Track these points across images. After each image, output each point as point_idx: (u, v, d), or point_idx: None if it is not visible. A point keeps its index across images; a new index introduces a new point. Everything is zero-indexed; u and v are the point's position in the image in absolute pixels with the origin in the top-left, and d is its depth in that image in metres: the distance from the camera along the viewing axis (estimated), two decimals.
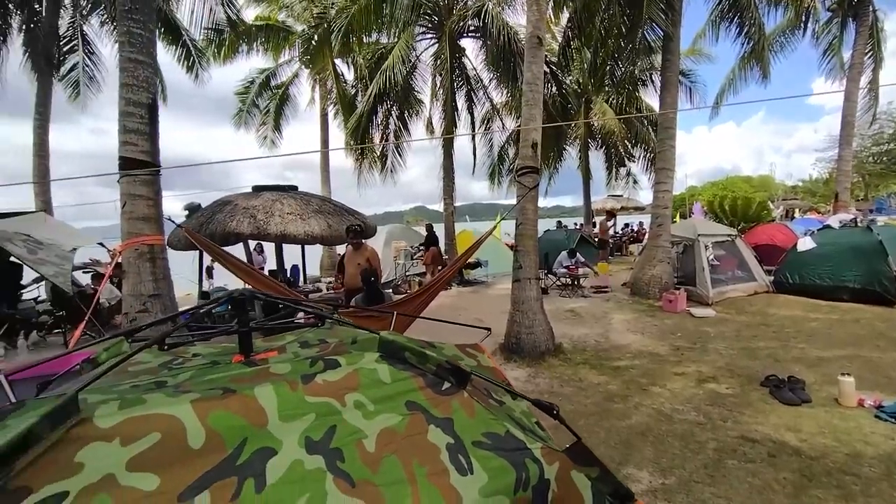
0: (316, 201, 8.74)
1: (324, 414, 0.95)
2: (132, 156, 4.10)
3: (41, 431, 0.78)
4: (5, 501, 0.71)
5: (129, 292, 4.22)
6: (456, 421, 1.03)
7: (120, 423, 0.84)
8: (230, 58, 14.29)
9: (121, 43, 4.13)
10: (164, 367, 1.29)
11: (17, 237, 7.36)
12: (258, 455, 0.85)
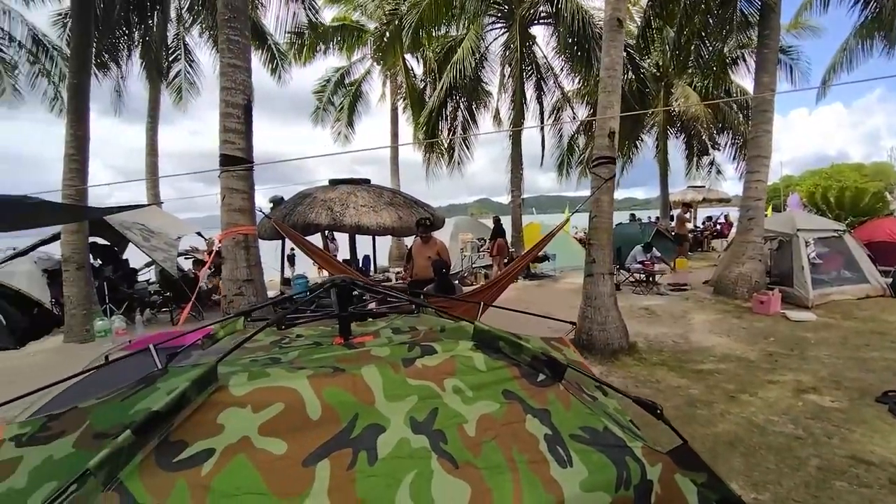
0: (388, 194, 9.03)
1: (425, 396, 1.00)
2: (230, 153, 4.52)
3: (191, 395, 0.89)
4: (168, 450, 0.82)
5: (226, 277, 4.68)
6: (553, 413, 1.02)
7: (250, 392, 0.94)
8: (310, 59, 15.10)
9: (221, 50, 4.57)
10: (275, 345, 1.41)
11: (134, 226, 8.42)
12: (369, 430, 0.91)
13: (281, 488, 0.80)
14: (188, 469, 0.79)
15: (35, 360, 6.32)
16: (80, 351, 6.66)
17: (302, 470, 0.83)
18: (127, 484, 0.76)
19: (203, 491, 0.77)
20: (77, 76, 7.11)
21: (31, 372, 5.81)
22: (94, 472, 0.72)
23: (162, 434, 0.83)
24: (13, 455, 0.97)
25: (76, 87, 7.11)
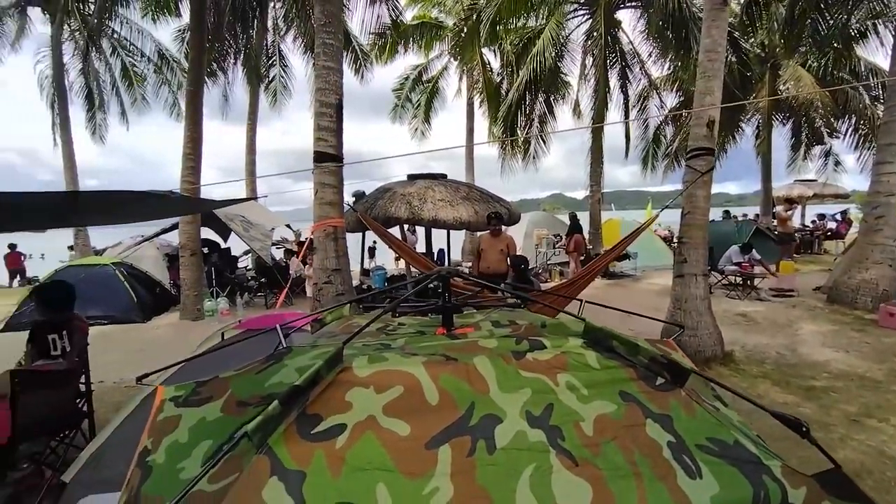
0: (464, 189, 9.10)
1: (539, 390, 0.99)
2: (323, 150, 4.85)
3: (323, 373, 0.96)
4: (306, 422, 0.90)
5: (317, 266, 5.03)
6: (675, 419, 0.97)
7: (372, 374, 1.00)
8: (391, 58, 15.60)
9: (316, 54, 4.90)
10: (382, 332, 1.48)
11: (236, 218, 9.33)
12: (486, 420, 0.92)
13: (407, 467, 0.84)
14: (325, 441, 0.86)
15: (158, 333, 7.26)
16: (193, 327, 7.54)
17: (425, 452, 0.87)
18: (275, 449, 0.84)
19: (339, 462, 0.83)
20: (193, 84, 8.00)
21: (157, 342, 6.68)
22: (251, 436, 0.81)
23: (300, 406, 0.91)
24: (174, 413, 1.12)
25: (192, 94, 8.01)
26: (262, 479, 0.80)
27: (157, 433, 1.08)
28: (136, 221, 5.29)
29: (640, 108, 14.62)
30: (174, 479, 0.94)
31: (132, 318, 7.75)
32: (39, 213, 2.93)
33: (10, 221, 3.20)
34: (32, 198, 2.38)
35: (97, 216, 3.47)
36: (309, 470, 0.82)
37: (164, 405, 1.15)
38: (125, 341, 6.73)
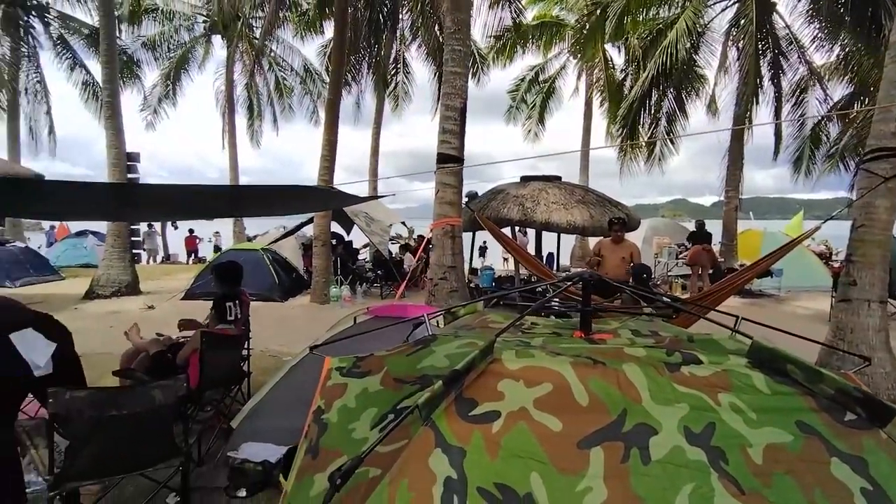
0: (579, 191, 8.78)
1: (698, 407, 0.94)
2: (446, 152, 5.10)
3: (477, 361, 1.04)
4: (464, 404, 0.98)
5: (434, 262, 5.31)
6: (872, 464, 0.84)
7: (522, 369, 1.04)
8: (510, 59, 15.66)
9: (445, 60, 5.17)
10: (517, 330, 1.53)
11: (360, 214, 10.23)
12: (640, 429, 0.91)
13: (559, 462, 0.87)
14: (482, 424, 0.93)
15: (294, 312, 8.28)
16: (321, 309, 8.47)
17: (577, 451, 0.89)
18: (438, 424, 0.93)
19: (495, 446, 0.89)
20: (333, 94, 8.96)
21: (292, 319, 7.62)
22: (420, 410, 0.91)
23: (458, 389, 0.99)
24: (340, 381, 1.29)
25: (331, 102, 8.97)
26: (427, 448, 0.89)
27: (328, 396, 1.26)
28: (290, 213, 6.11)
29: (797, 101, 12.55)
30: (347, 436, 1.09)
31: (273, 297, 8.95)
32: (211, 203, 3.56)
33: (188, 211, 3.98)
34: (203, 191, 2.90)
35: (257, 208, 4.09)
36: (469, 448, 0.89)
37: (332, 374, 1.34)
38: (268, 316, 7.81)
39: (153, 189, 3.36)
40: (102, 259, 9.34)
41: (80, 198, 3.07)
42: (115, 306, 8.14)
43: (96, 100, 15.62)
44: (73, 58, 15.27)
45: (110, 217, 6.95)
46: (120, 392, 2.18)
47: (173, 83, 15.96)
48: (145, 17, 14.57)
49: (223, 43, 16.12)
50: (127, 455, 2.19)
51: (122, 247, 9.14)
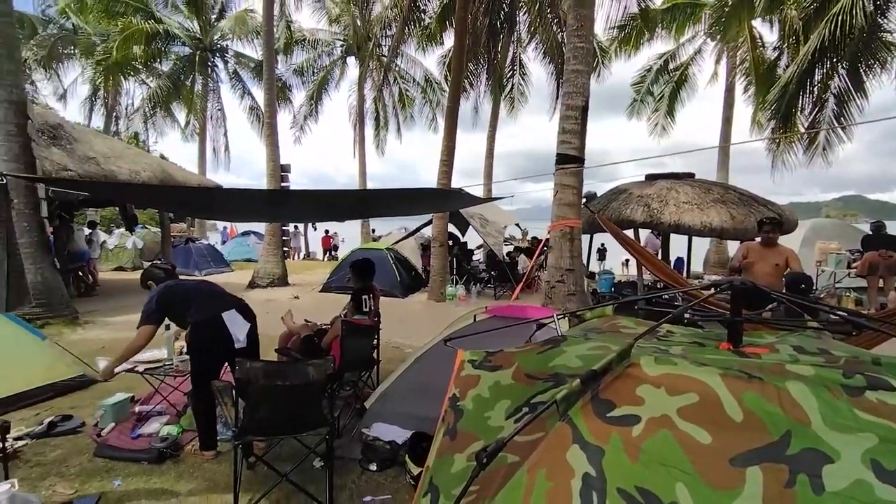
0: (717, 189, 7.82)
1: (891, 440, 0.81)
2: (566, 152, 4.98)
3: (614, 364, 1.03)
4: (600, 405, 0.98)
5: (551, 265, 5.23)
6: None
7: (663, 375, 1.01)
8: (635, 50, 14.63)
9: (567, 59, 5.06)
10: (653, 337, 1.47)
11: (476, 215, 10.49)
12: (809, 455, 0.82)
13: (710, 477, 0.83)
14: (620, 426, 0.93)
15: (413, 308, 8.84)
16: (438, 307, 8.89)
17: (730, 467, 0.84)
18: (575, 420, 0.95)
19: (635, 449, 0.88)
20: (452, 101, 9.36)
21: (412, 315, 8.14)
22: (559, 405, 0.95)
23: (594, 389, 1.00)
24: (473, 373, 1.38)
25: (451, 109, 9.37)
26: (565, 443, 0.93)
27: (462, 386, 1.36)
28: (420, 213, 6.55)
29: None
30: (483, 423, 1.17)
31: (395, 294, 9.66)
32: (346, 205, 4.00)
33: (325, 215, 4.54)
34: (342, 194, 3.29)
35: (389, 209, 4.46)
36: (607, 448, 0.90)
37: (464, 365, 1.44)
38: (391, 311, 8.43)
39: (300, 193, 3.91)
40: (261, 255, 11.08)
41: (244, 202, 3.73)
42: (270, 295, 9.59)
43: (259, 121, 18.61)
44: (242, 88, 18.44)
45: (266, 218, 8.21)
46: (284, 366, 2.59)
47: (315, 102, 18.22)
48: (296, 47, 16.91)
49: (356, 63, 17.90)
50: (286, 419, 2.60)
51: (275, 245, 10.74)
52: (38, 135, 6.62)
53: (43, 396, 3.85)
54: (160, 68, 17.69)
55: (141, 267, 13.33)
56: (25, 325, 4.05)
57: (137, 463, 2.97)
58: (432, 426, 3.07)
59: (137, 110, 17.56)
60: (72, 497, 2.60)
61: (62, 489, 2.68)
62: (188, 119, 18.54)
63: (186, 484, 2.80)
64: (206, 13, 17.20)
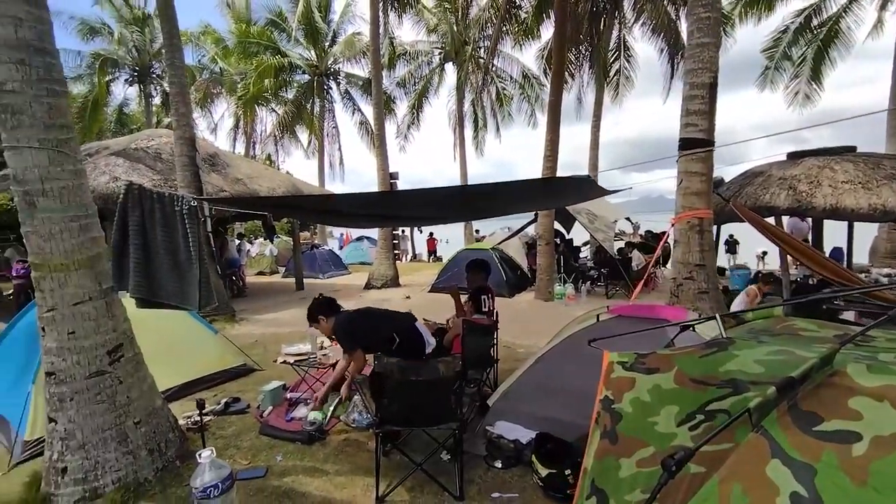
0: (890, 164, 6.44)
1: None
2: (692, 135, 4.51)
3: (814, 371, 0.91)
4: (802, 417, 0.87)
5: (678, 260, 4.78)
6: None
7: (885, 387, 0.86)
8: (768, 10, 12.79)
9: (689, 32, 4.57)
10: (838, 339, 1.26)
11: (583, 211, 10.03)
12: None
13: None
14: (836, 443, 0.81)
15: (521, 307, 8.76)
16: (546, 306, 8.70)
17: None
18: (771, 432, 0.86)
19: (861, 472, 0.77)
20: (554, 94, 9.09)
21: (520, 314, 8.07)
22: (752, 414, 0.86)
23: (791, 399, 0.89)
24: (625, 375, 1.32)
25: (553, 103, 9.10)
26: (762, 456, 0.84)
27: (615, 388, 1.31)
28: (523, 212, 6.48)
29: None
30: (649, 428, 1.12)
31: (502, 293, 9.65)
32: (452, 206, 4.05)
33: (434, 217, 4.62)
34: (436, 194, 3.30)
35: (509, 205, 4.38)
36: (818, 466, 0.80)
37: (613, 367, 1.39)
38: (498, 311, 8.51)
39: (412, 194, 4.07)
40: (374, 258, 11.92)
41: (361, 206, 3.98)
42: (385, 295, 10.26)
43: (367, 134, 20.05)
44: (353, 105, 20.08)
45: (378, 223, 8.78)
46: (417, 362, 2.76)
47: (417, 111, 19.08)
48: (398, 61, 17.91)
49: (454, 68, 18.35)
50: (419, 413, 2.76)
51: (387, 248, 11.47)
52: (202, 163, 7.97)
53: (217, 381, 4.60)
54: (286, 96, 20.05)
55: (276, 272, 15.25)
56: (202, 321, 4.88)
57: (293, 443, 3.40)
58: (557, 427, 3.03)
59: (270, 135, 20.15)
60: (247, 467, 3.07)
61: (239, 459, 3.18)
62: (309, 138, 20.75)
63: (333, 465, 3.13)
64: (321, 42, 19.06)
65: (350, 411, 3.71)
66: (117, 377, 2.77)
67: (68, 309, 2.59)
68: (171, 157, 8.72)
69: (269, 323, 7.72)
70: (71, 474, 2.64)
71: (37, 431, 3.27)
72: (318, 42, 18.95)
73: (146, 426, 2.89)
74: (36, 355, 3.65)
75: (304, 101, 19.70)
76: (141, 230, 2.74)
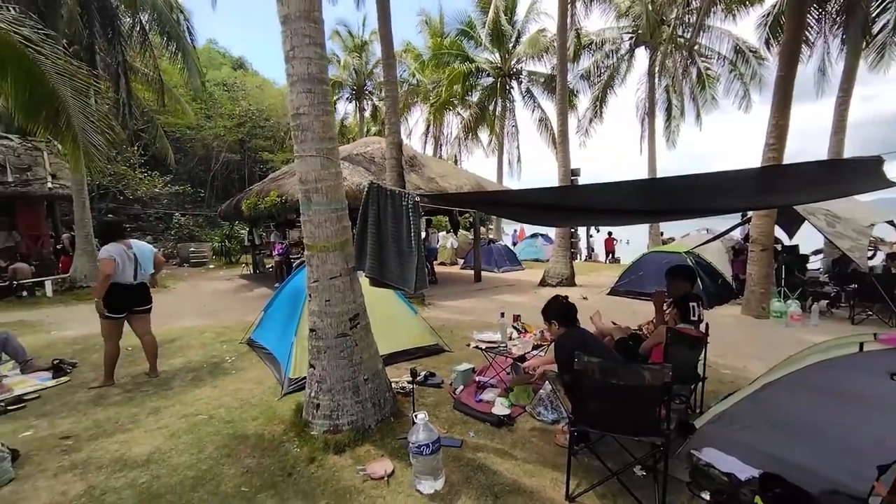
0: None
1: None
2: None
3: None
4: None
5: None
6: None
7: None
8: None
9: None
10: None
11: (818, 211, 7.99)
12: None
13: None
14: None
15: (724, 322, 7.49)
16: (758, 325, 7.27)
17: None
18: None
19: None
20: (786, 67, 7.45)
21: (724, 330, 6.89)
22: None
23: None
24: None
25: (783, 79, 7.48)
26: None
27: None
28: (732, 211, 5.54)
29: None
30: None
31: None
32: (631, 205, 3.62)
33: (616, 217, 4.21)
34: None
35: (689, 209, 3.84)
36: None
37: None
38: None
39: (594, 189, 3.83)
40: (551, 256, 11.80)
41: (534, 204, 3.92)
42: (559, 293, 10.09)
43: (547, 131, 19.92)
44: (533, 102, 20.22)
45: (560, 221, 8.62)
46: (620, 365, 2.63)
47: (600, 104, 18.04)
48: (583, 52, 17.23)
49: (646, 53, 16.71)
50: (617, 418, 2.63)
51: (564, 247, 11.24)
52: (406, 164, 9.14)
53: (415, 356, 5.25)
54: (470, 100, 21.40)
55: (455, 263, 16.49)
56: (407, 302, 5.63)
57: (483, 423, 3.65)
58: (788, 470, 2.54)
59: (456, 137, 21.86)
60: (445, 435, 3.43)
61: (438, 427, 3.57)
62: (490, 138, 21.73)
63: (521, 451, 3.24)
64: (505, 44, 19.69)
65: (536, 404, 3.79)
66: (354, 340, 3.41)
67: (327, 281, 3.31)
68: (381, 160, 10.24)
69: (453, 310, 8.41)
70: (322, 410, 3.37)
71: (297, 372, 4.28)
72: (503, 44, 19.61)
73: (372, 383, 3.49)
74: (296, 315, 4.79)
75: (487, 103, 20.68)
76: (376, 221, 3.32)
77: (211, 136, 21.37)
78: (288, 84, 3.17)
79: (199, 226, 19.68)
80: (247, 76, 27.63)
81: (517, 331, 4.51)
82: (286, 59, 3.11)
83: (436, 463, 2.80)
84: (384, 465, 2.99)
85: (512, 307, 7.47)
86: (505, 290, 10.74)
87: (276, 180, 11.03)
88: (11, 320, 7.67)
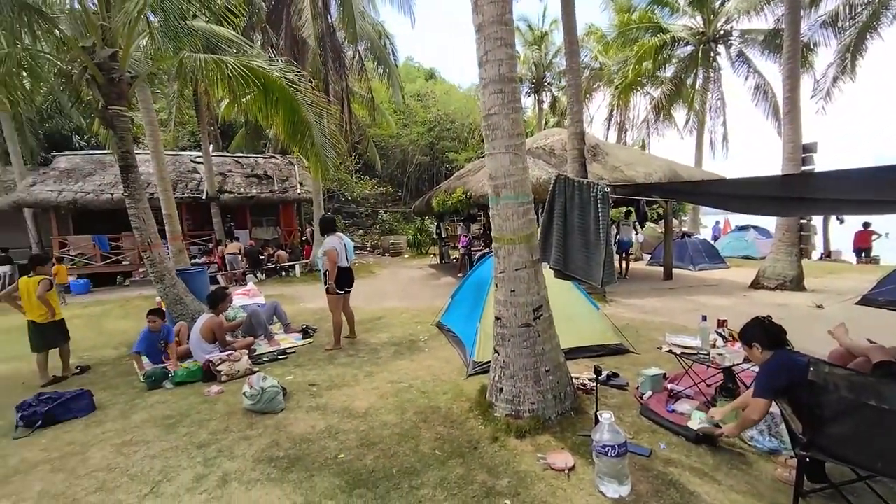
0: None
1: None
2: None
3: None
4: None
5: None
6: None
7: None
8: None
9: None
10: None
11: None
12: None
13: None
14: None
15: None
16: None
17: None
18: None
19: None
20: None
21: None
22: None
23: None
24: None
25: None
26: None
27: None
28: None
29: None
30: None
31: None
32: None
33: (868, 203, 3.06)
34: None
35: None
36: None
37: None
38: None
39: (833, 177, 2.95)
40: (770, 252, 9.70)
41: (751, 193, 3.20)
42: (781, 299, 8.22)
43: (766, 99, 16.36)
44: (747, 67, 16.79)
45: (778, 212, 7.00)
46: (881, 383, 2.03)
47: (853, 54, 13.78)
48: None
49: None
50: (878, 452, 2.04)
51: (790, 241, 9.09)
52: (588, 154, 8.74)
53: (596, 353, 5.03)
54: (662, 76, 19.02)
55: (641, 258, 15.04)
56: (588, 297, 5.44)
57: (677, 435, 3.29)
58: None
59: (644, 120, 19.76)
60: (630, 441, 3.22)
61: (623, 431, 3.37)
62: (687, 116, 18.96)
63: (725, 477, 2.81)
64: (710, 3, 16.82)
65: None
66: (537, 331, 3.49)
67: (512, 272, 3.46)
68: (561, 152, 10.03)
69: (638, 309, 7.73)
70: (505, 394, 3.56)
71: (481, 356, 4.59)
72: (706, 4, 16.79)
73: (553, 376, 3.52)
74: (480, 302, 5.13)
75: (685, 77, 18.03)
76: (563, 213, 3.30)
77: (407, 142, 24.47)
78: (480, 87, 3.41)
79: (397, 221, 22.81)
80: (436, 84, 30.49)
81: (722, 338, 3.89)
82: (479, 64, 3.34)
83: (621, 467, 2.67)
84: (565, 457, 2.99)
85: (713, 311, 6.44)
86: (703, 290, 9.31)
87: (461, 178, 11.94)
88: (276, 293, 10.30)
